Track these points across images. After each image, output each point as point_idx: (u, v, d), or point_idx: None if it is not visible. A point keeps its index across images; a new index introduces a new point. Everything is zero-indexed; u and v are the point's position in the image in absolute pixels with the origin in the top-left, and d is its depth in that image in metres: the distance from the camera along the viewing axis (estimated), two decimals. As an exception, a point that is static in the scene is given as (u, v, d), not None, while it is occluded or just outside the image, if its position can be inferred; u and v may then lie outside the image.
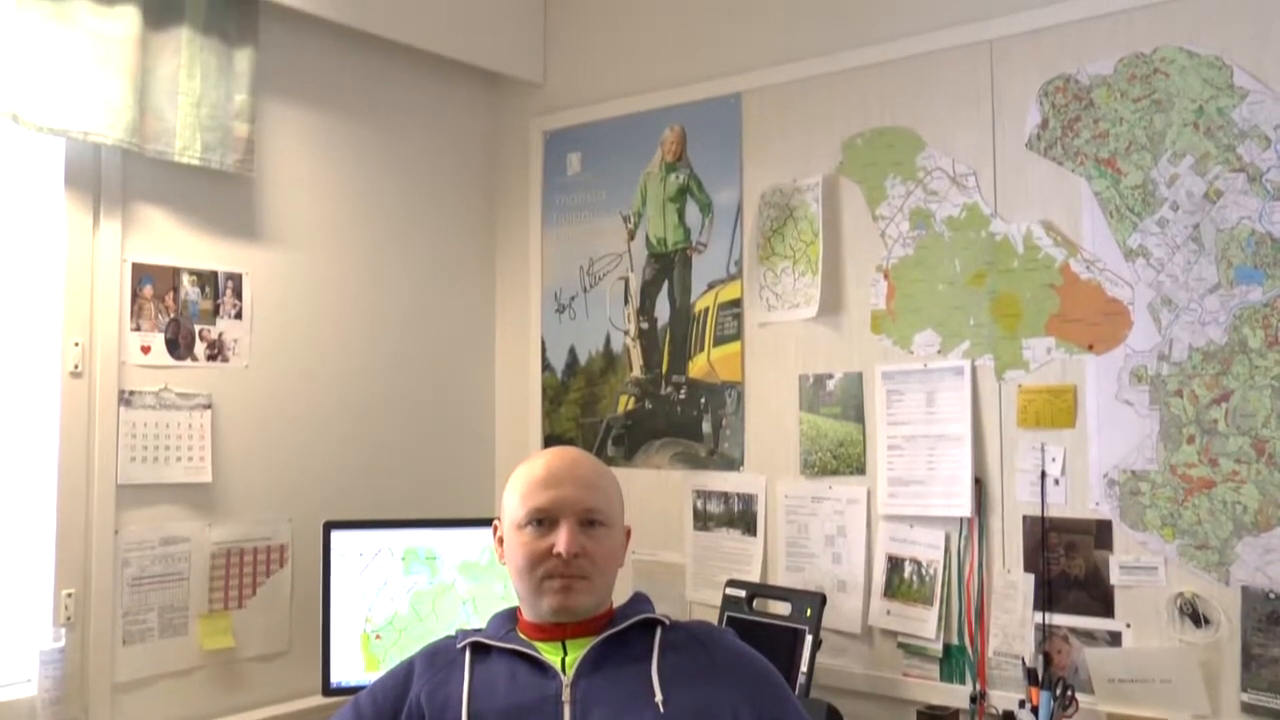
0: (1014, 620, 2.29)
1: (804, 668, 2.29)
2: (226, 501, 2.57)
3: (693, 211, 2.86)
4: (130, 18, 2.32)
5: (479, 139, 3.23)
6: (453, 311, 3.13)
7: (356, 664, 2.52)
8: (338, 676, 2.50)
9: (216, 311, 2.56)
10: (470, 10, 3.01)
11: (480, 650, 1.71)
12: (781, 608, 2.42)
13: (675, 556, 2.80)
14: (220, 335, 2.57)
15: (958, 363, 2.39)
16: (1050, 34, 2.32)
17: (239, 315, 2.61)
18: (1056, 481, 2.25)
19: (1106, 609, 2.19)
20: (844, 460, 2.54)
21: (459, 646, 1.73)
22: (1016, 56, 2.37)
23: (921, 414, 2.42)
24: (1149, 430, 2.18)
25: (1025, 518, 2.29)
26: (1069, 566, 2.24)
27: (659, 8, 2.96)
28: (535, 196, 3.16)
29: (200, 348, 2.53)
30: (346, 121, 2.89)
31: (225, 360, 2.58)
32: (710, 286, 2.81)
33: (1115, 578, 2.19)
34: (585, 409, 3.01)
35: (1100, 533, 2.21)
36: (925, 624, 2.38)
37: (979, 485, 2.34)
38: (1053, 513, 2.26)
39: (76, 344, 2.34)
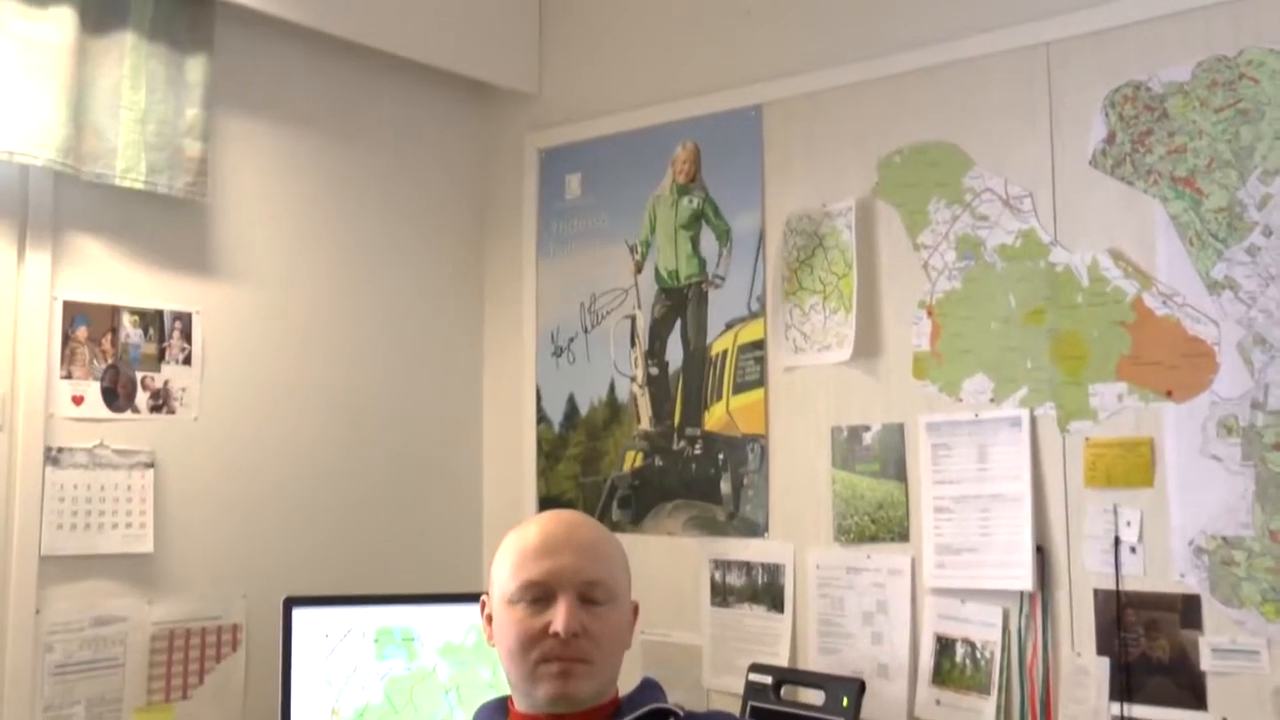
0: (1086, 711, 2.24)
1: (840, 767, 2.27)
2: (171, 575, 2.54)
3: (708, 240, 2.86)
4: (65, 21, 2.30)
5: (465, 158, 3.23)
6: (435, 355, 3.13)
7: (321, 763, 2.51)
8: (298, 778, 2.49)
9: (162, 356, 2.55)
10: (455, 13, 3.02)
11: (463, 750, 1.66)
12: (814, 696, 2.41)
13: (690, 637, 2.79)
14: (166, 384, 2.56)
15: (1014, 412, 2.38)
16: (1116, 35, 2.31)
17: (188, 361, 2.60)
18: (1133, 549, 2.23)
19: (1197, 699, 2.14)
20: (884, 525, 2.53)
21: (438, 746, 1.67)
22: (1077, 61, 2.36)
23: (973, 471, 2.41)
24: (1242, 490, 2.13)
25: (1097, 591, 2.26)
26: (1150, 649, 2.19)
27: (668, 10, 2.97)
28: (529, 223, 3.16)
29: (142, 398, 2.52)
30: (315, 139, 2.89)
31: (171, 412, 2.57)
32: (729, 326, 2.81)
33: (1207, 662, 2.14)
34: (586, 466, 3.01)
35: (1187, 609, 2.17)
36: (981, 715, 2.34)
37: (1041, 554, 2.32)
38: (1129, 585, 2.23)
39: (-3, 394, 2.34)
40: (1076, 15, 2.35)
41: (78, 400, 2.41)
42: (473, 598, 1.92)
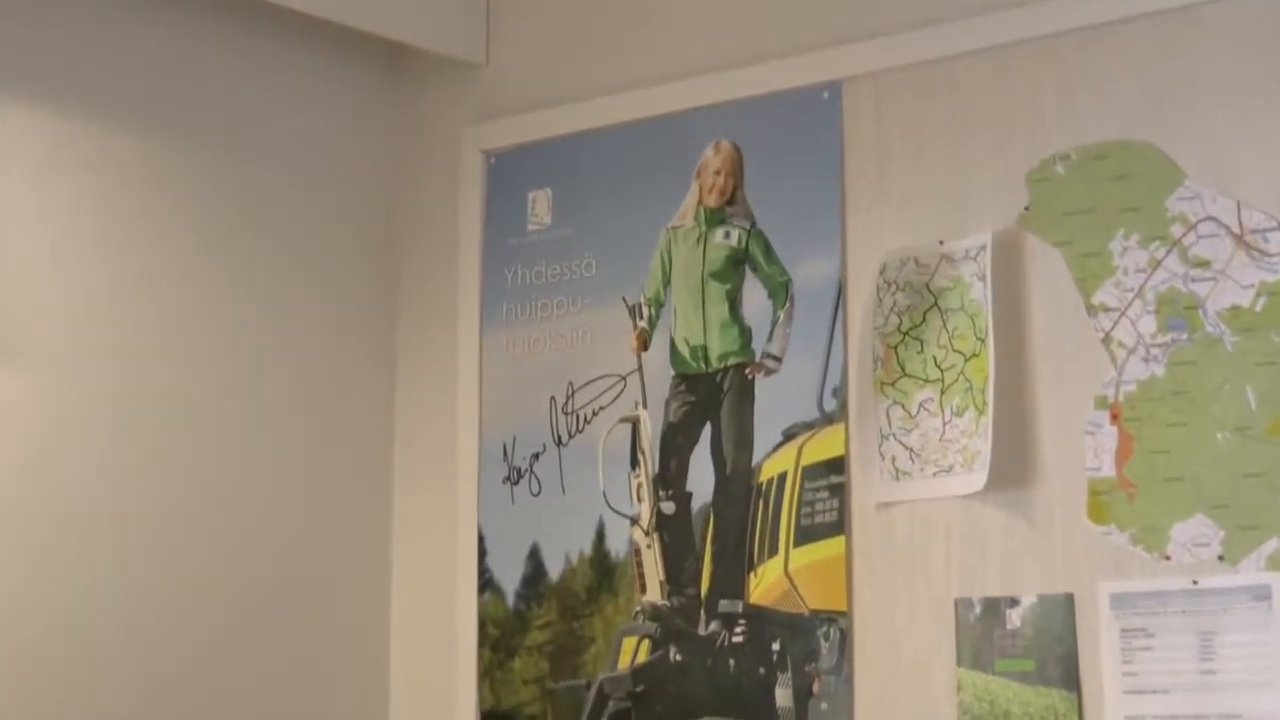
0: None
1: None
2: None
3: (755, 297, 2.86)
4: None
5: (367, 166, 3.27)
6: (310, 482, 3.12)
7: None
8: None
9: None
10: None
11: None
12: None
13: None
14: None
15: (1260, 578, 2.36)
16: None
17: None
18: None
19: None
20: (1043, 761, 2.53)
21: None
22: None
23: (1191, 673, 2.40)
24: None
25: None
26: None
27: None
28: (468, 268, 3.18)
29: None
30: (114, 130, 2.87)
31: None
32: (789, 436, 2.80)
33: None
34: (559, 663, 2.99)
35: None
36: None
37: (1314, 812, 2.30)
38: None
39: None
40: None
41: None
42: None
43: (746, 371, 2.83)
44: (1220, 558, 2.37)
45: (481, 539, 3.08)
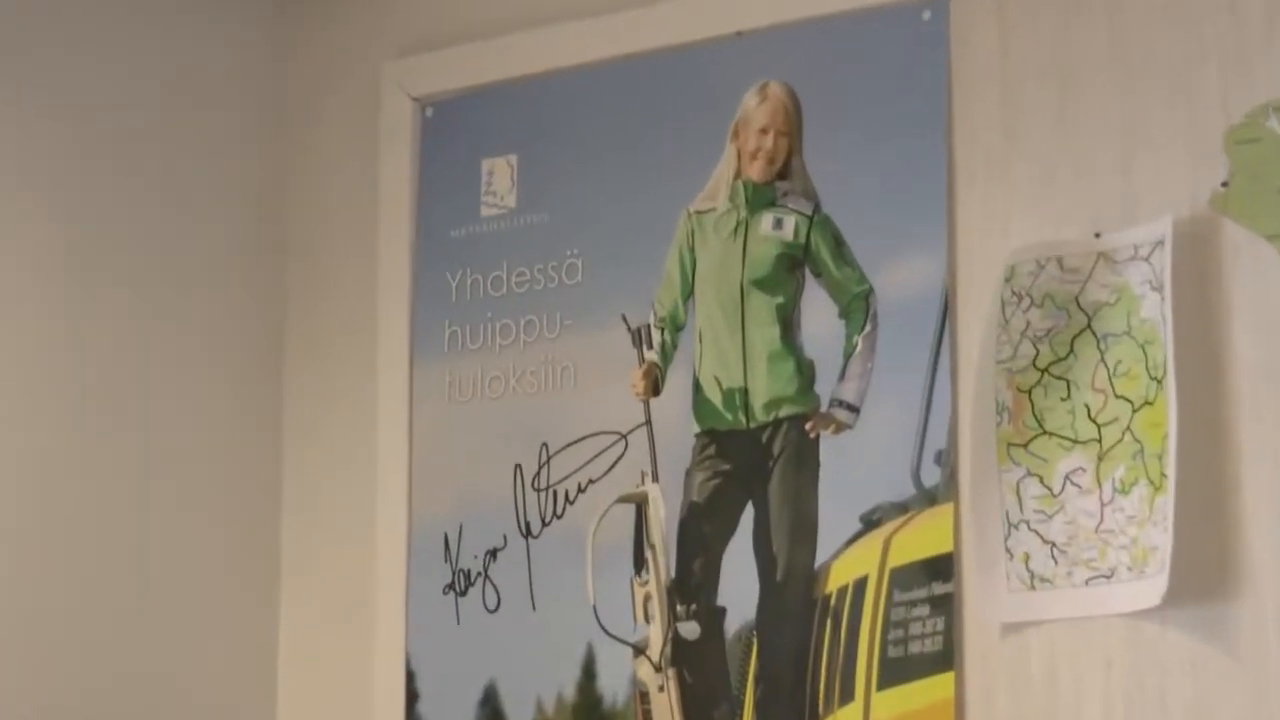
0: None
1: None
2: None
3: (820, 314, 2.85)
4: None
5: (252, 115, 3.41)
6: (153, 588, 3.18)
7: None
8: None
9: None
10: None
11: None
12: None
13: None
14: None
15: None
16: None
17: None
18: None
19: None
20: None
21: None
22: None
23: None
24: None
25: None
26: None
27: None
28: (394, 272, 3.25)
29: None
30: None
31: None
32: (870, 524, 2.77)
33: None
34: None
35: None
36: None
37: None
38: None
39: None
40: None
41: None
42: None
43: (808, 426, 2.80)
44: None
45: (411, 677, 3.10)
